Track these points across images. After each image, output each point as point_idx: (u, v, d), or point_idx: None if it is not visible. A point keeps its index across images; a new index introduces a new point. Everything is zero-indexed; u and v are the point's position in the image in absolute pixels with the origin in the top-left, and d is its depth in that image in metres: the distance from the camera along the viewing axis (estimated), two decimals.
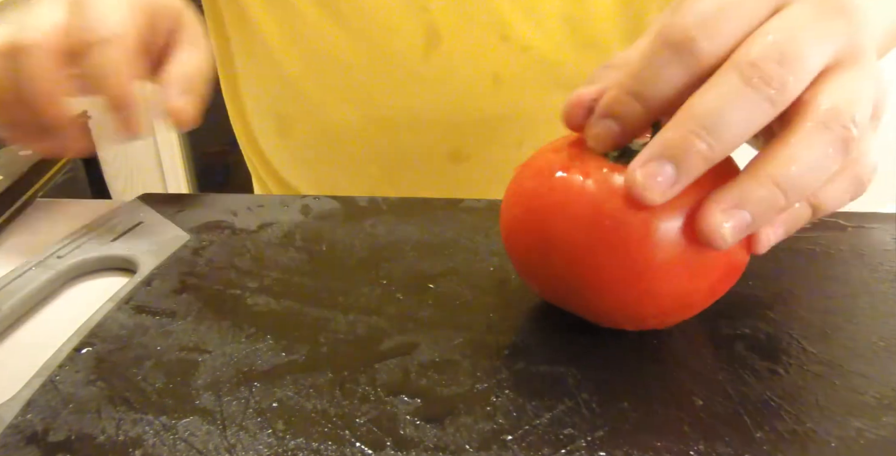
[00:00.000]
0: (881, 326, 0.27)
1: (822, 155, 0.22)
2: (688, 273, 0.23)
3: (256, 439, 0.21)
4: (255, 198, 0.42)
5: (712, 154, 0.21)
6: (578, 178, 0.23)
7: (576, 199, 0.23)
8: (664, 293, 0.23)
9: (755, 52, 0.21)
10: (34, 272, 0.32)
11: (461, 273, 0.32)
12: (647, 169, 0.22)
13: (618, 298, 0.24)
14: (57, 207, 0.44)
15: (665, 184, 0.21)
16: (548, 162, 0.25)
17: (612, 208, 0.22)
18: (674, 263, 0.23)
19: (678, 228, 0.22)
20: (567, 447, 0.21)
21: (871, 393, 0.23)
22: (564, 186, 0.24)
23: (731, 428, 0.22)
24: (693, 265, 0.23)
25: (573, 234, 0.23)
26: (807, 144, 0.22)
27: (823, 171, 0.22)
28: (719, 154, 0.22)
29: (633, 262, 0.23)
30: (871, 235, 0.35)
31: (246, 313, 0.29)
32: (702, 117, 0.21)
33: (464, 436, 0.22)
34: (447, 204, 0.40)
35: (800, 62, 0.22)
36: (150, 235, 0.36)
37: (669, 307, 0.25)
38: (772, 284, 0.30)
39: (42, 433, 0.22)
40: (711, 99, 0.21)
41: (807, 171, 0.22)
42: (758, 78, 0.21)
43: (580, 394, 0.23)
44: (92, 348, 0.26)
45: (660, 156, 0.22)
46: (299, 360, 0.26)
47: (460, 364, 0.25)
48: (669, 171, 0.21)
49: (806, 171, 0.22)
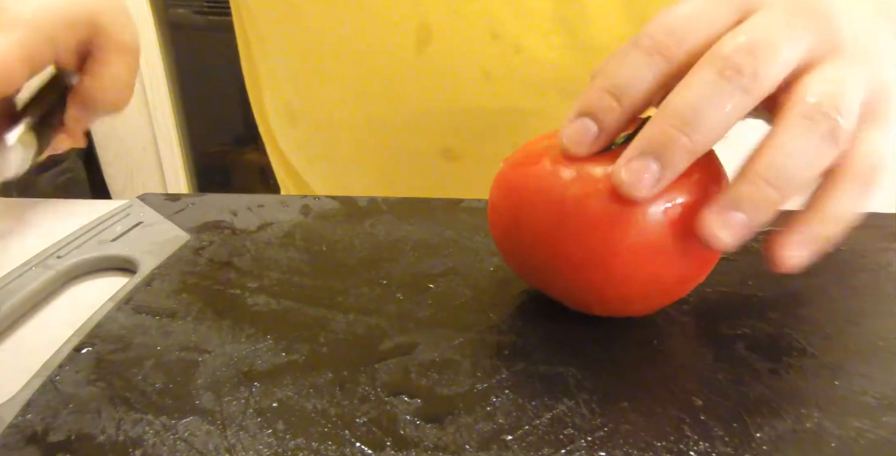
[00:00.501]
0: (881, 326, 0.27)
1: (810, 146, 0.22)
2: (654, 258, 0.24)
3: (256, 439, 0.21)
4: (255, 198, 0.42)
5: (694, 146, 0.22)
6: (548, 165, 0.25)
7: (545, 185, 0.24)
8: (629, 278, 0.24)
9: (727, 48, 0.22)
10: (34, 272, 0.32)
11: (461, 273, 0.32)
12: (632, 166, 0.22)
13: (583, 281, 0.25)
14: (57, 207, 0.44)
15: (651, 180, 0.22)
16: (527, 152, 0.26)
17: (576, 194, 0.23)
18: (638, 248, 0.23)
19: (643, 213, 0.23)
20: (567, 447, 0.21)
21: (871, 393, 0.23)
22: (536, 173, 0.25)
23: (731, 428, 0.22)
24: (659, 251, 0.23)
25: (540, 217, 0.24)
26: (792, 137, 0.22)
27: (813, 162, 0.22)
28: (701, 146, 0.22)
29: (595, 245, 0.24)
30: (871, 235, 0.35)
31: (246, 313, 0.29)
32: (680, 112, 0.22)
33: (464, 436, 0.22)
34: (447, 204, 0.40)
35: (770, 52, 0.22)
36: (150, 235, 0.36)
37: (636, 293, 0.25)
38: (772, 284, 0.30)
39: (42, 433, 0.22)
40: (688, 94, 0.22)
41: (795, 163, 0.22)
42: (730, 69, 0.22)
43: (580, 394, 0.23)
44: (92, 348, 0.26)
45: (642, 152, 0.22)
46: (299, 360, 0.26)
47: (460, 364, 0.25)
48: (654, 167, 0.22)
49: (794, 163, 0.22)
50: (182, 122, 1.80)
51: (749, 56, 0.22)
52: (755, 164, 0.22)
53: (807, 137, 0.22)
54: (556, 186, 0.24)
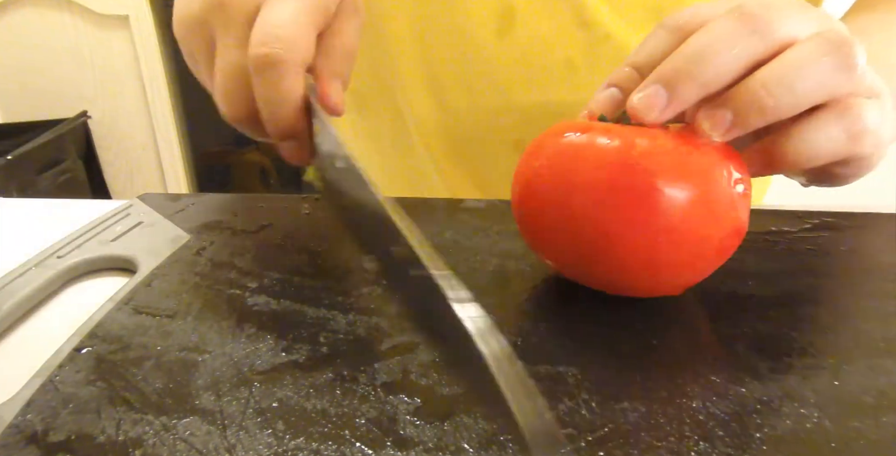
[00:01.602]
0: (881, 326, 0.27)
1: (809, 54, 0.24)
2: (700, 223, 0.25)
3: (256, 439, 0.21)
4: (255, 198, 0.42)
5: (701, 79, 0.24)
6: (603, 134, 0.26)
7: (602, 148, 0.25)
8: (680, 240, 0.25)
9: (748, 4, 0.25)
10: (34, 272, 0.32)
11: (461, 273, 0.32)
12: (644, 92, 0.25)
13: (636, 243, 0.25)
14: (57, 207, 0.44)
15: (659, 104, 0.25)
16: (568, 126, 0.27)
17: (635, 155, 0.25)
18: (688, 212, 0.24)
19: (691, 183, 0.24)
20: (567, 447, 0.21)
21: (871, 393, 0.23)
22: (589, 139, 0.26)
23: (731, 428, 0.22)
24: (704, 217, 0.25)
25: (598, 175, 0.25)
26: (798, 55, 0.24)
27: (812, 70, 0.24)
28: (708, 79, 0.24)
29: (652, 206, 0.24)
30: (871, 235, 0.35)
31: (246, 313, 0.29)
32: (692, 48, 0.25)
33: (464, 436, 0.22)
34: (447, 204, 0.40)
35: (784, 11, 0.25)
36: (150, 235, 0.36)
37: (684, 258, 0.26)
38: (772, 284, 0.30)
39: (42, 433, 0.22)
40: (702, 34, 0.25)
41: (796, 74, 0.24)
42: (746, 15, 0.25)
43: (580, 394, 0.23)
44: (92, 348, 0.26)
45: (654, 81, 0.25)
46: (299, 360, 0.26)
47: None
48: (662, 94, 0.25)
49: (795, 74, 0.24)
50: (182, 122, 1.80)
51: (765, 8, 0.25)
52: (758, 71, 0.24)
53: (812, 49, 0.24)
54: (616, 149, 0.25)
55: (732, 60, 0.24)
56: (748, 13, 0.25)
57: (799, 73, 0.24)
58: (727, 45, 0.24)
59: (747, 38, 0.24)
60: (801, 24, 0.25)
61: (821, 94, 0.25)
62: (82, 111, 1.75)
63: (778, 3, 0.25)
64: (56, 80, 1.75)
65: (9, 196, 0.42)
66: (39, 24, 1.70)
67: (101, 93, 1.77)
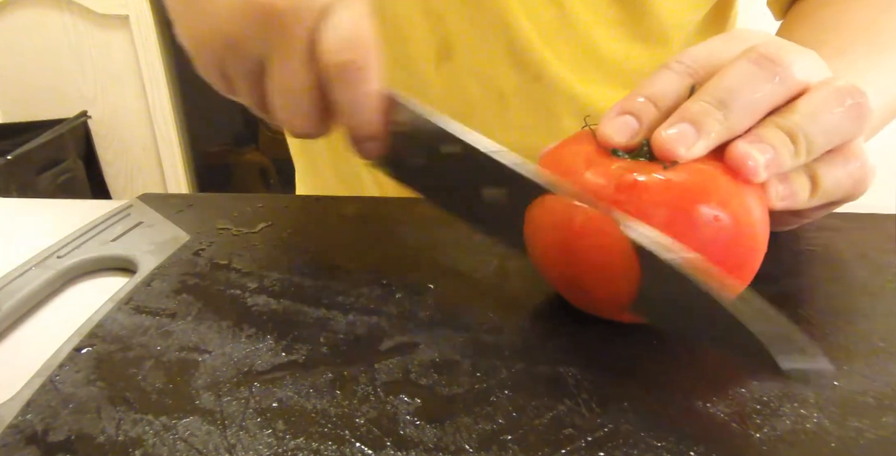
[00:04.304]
0: (881, 326, 0.27)
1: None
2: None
3: (256, 439, 0.21)
4: (255, 198, 0.42)
5: (727, 122, 0.25)
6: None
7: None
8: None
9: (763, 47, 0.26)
10: (34, 272, 0.32)
11: (461, 273, 0.32)
12: (676, 128, 0.25)
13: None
14: (57, 207, 0.44)
15: (689, 142, 0.24)
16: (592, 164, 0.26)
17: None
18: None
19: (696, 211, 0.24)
20: (567, 447, 0.21)
21: (871, 393, 0.23)
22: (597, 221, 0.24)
23: (731, 428, 0.22)
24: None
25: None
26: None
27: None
28: (733, 123, 0.25)
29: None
30: (871, 235, 0.35)
31: (246, 313, 0.29)
32: (716, 92, 0.25)
33: (464, 436, 0.22)
34: None
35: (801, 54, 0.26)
36: (150, 235, 0.36)
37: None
38: (772, 284, 0.30)
39: (42, 433, 0.22)
40: (725, 77, 0.25)
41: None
42: (765, 60, 0.25)
43: (580, 394, 0.23)
44: (92, 348, 0.26)
45: (681, 119, 0.25)
46: (299, 360, 0.26)
47: (460, 364, 0.25)
48: (690, 131, 0.25)
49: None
50: (182, 122, 1.80)
51: (782, 50, 0.25)
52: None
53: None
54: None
55: (756, 104, 0.25)
56: (767, 56, 0.25)
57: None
58: (752, 89, 0.25)
59: (770, 82, 0.25)
60: (812, 70, 0.26)
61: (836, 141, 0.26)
62: (82, 111, 1.75)
63: (787, 46, 0.26)
64: (56, 80, 1.75)
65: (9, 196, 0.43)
66: (39, 24, 1.70)
67: (101, 93, 1.77)
